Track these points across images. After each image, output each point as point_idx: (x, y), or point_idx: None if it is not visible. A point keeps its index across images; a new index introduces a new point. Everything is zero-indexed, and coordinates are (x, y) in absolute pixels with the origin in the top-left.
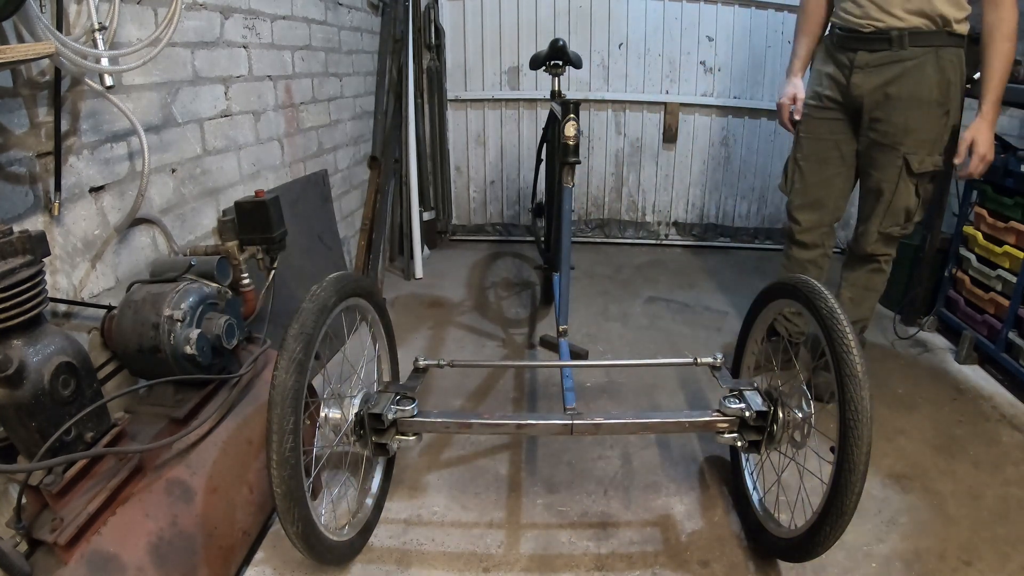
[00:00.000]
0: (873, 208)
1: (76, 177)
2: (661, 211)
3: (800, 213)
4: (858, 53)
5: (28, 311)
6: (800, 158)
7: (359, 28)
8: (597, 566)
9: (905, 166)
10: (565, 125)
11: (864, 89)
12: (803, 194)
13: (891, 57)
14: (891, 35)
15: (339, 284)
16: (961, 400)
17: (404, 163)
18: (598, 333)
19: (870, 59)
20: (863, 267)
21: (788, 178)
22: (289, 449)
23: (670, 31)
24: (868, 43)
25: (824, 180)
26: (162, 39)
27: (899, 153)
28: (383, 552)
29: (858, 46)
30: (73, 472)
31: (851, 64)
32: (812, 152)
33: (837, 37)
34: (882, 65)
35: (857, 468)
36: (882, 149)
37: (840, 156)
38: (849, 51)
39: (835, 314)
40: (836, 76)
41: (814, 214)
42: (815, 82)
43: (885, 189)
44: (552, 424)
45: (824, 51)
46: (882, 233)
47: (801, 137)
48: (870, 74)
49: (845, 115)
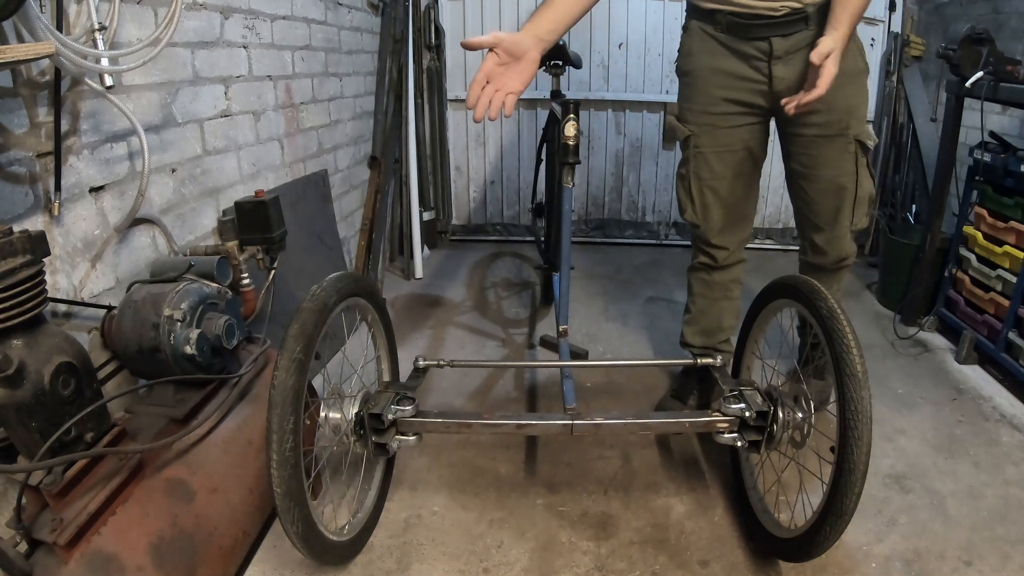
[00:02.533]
0: (836, 209)
1: (76, 177)
2: (661, 211)
3: (721, 238)
4: (772, 41)
5: (28, 311)
6: (709, 178)
7: (359, 28)
8: (597, 566)
9: (859, 147)
10: (565, 125)
11: (789, 80)
12: (723, 219)
13: (809, 38)
14: (807, 12)
15: (339, 284)
16: (961, 400)
17: (404, 163)
18: (598, 333)
19: (788, 45)
20: (833, 276)
21: (695, 204)
22: (289, 449)
23: (670, 31)
24: (782, 27)
25: (744, 194)
26: (162, 39)
27: (849, 138)
28: (383, 552)
29: (770, 33)
30: (73, 472)
31: (768, 55)
32: (724, 168)
33: (730, 24)
34: (802, 48)
35: (857, 468)
36: (830, 141)
37: (753, 163)
38: (758, 40)
39: (835, 314)
40: (744, 72)
41: (738, 234)
42: (708, 83)
43: (847, 183)
44: (552, 424)
45: (705, 41)
46: (854, 231)
47: (702, 153)
48: (791, 62)
49: (760, 116)
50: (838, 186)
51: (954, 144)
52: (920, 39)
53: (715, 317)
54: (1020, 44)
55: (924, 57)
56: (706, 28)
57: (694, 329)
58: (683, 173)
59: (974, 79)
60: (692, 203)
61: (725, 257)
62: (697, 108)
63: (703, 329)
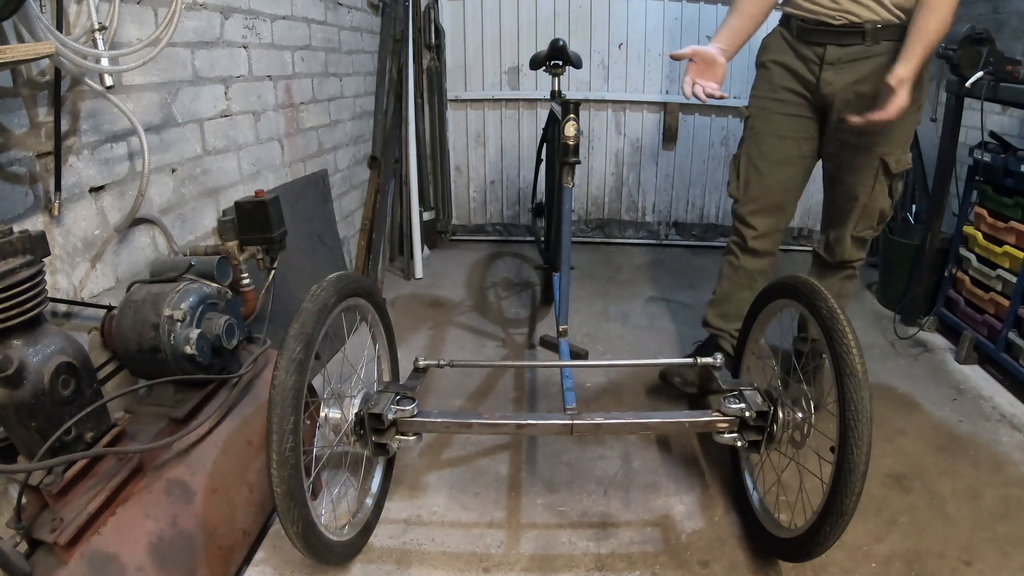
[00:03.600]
0: (846, 213)
1: (76, 177)
2: (661, 211)
3: (756, 218)
4: (827, 48)
5: (28, 311)
6: (756, 157)
7: (359, 28)
8: (597, 566)
9: (883, 167)
10: (565, 125)
11: (836, 87)
12: (760, 198)
13: (864, 52)
14: (865, 28)
15: (339, 284)
16: (961, 400)
17: (404, 163)
18: (598, 333)
19: (842, 54)
20: (836, 275)
21: (740, 179)
22: (289, 449)
23: (670, 31)
24: (839, 37)
25: (784, 182)
26: (162, 39)
27: (875, 155)
28: (383, 552)
29: (827, 40)
30: (73, 472)
31: (820, 60)
32: (772, 151)
33: (798, 28)
34: (854, 61)
35: (857, 469)
36: (856, 152)
37: (801, 156)
38: (816, 45)
39: (835, 314)
40: (801, 71)
41: (771, 219)
42: (773, 74)
43: (860, 193)
44: (552, 424)
45: (780, 41)
46: (855, 237)
47: (757, 134)
48: (842, 71)
49: (812, 113)
50: (853, 194)
51: (954, 144)
52: None
53: (736, 304)
54: (1020, 44)
55: None
56: (783, 31)
57: (716, 311)
58: (737, 153)
59: (974, 79)
60: (737, 178)
61: (754, 238)
62: (760, 94)
63: (723, 312)
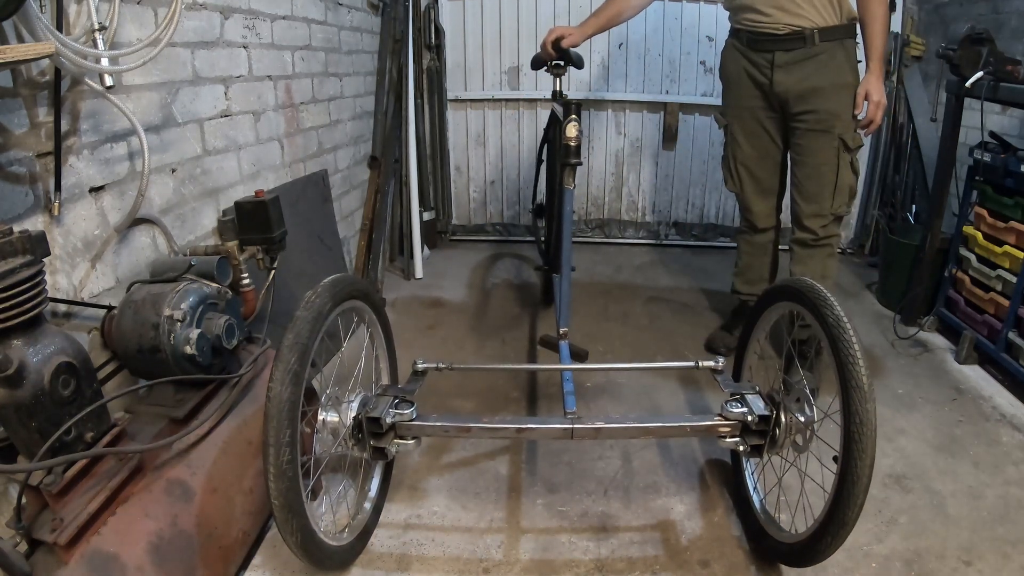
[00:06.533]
0: (822, 189)
1: (76, 177)
2: (661, 211)
3: (755, 203)
4: (775, 53)
5: (28, 311)
6: (741, 157)
7: (359, 28)
8: (597, 567)
9: (842, 145)
10: (567, 126)
11: (787, 85)
12: (754, 187)
13: (807, 54)
14: (805, 33)
15: (334, 289)
16: (961, 400)
17: (404, 163)
18: (598, 333)
19: (788, 58)
20: (818, 255)
21: (734, 178)
22: (286, 462)
23: (670, 31)
24: (784, 43)
25: (769, 169)
26: (162, 39)
27: (834, 135)
28: (383, 555)
29: (774, 47)
30: (73, 472)
31: (771, 64)
32: (753, 150)
33: (748, 39)
34: (800, 61)
35: (860, 480)
36: (817, 135)
37: (776, 145)
38: (765, 52)
39: (841, 322)
40: (756, 75)
41: (767, 200)
42: (735, 81)
43: (827, 171)
44: (552, 428)
45: (733, 52)
46: (835, 214)
47: (737, 138)
48: (791, 71)
49: (773, 108)
50: (820, 172)
51: (954, 144)
52: (920, 39)
53: (757, 270)
54: (1020, 44)
55: (924, 57)
56: (735, 43)
57: (741, 279)
58: (725, 155)
59: (974, 79)
60: (731, 176)
61: (759, 217)
62: (730, 103)
63: (748, 279)
